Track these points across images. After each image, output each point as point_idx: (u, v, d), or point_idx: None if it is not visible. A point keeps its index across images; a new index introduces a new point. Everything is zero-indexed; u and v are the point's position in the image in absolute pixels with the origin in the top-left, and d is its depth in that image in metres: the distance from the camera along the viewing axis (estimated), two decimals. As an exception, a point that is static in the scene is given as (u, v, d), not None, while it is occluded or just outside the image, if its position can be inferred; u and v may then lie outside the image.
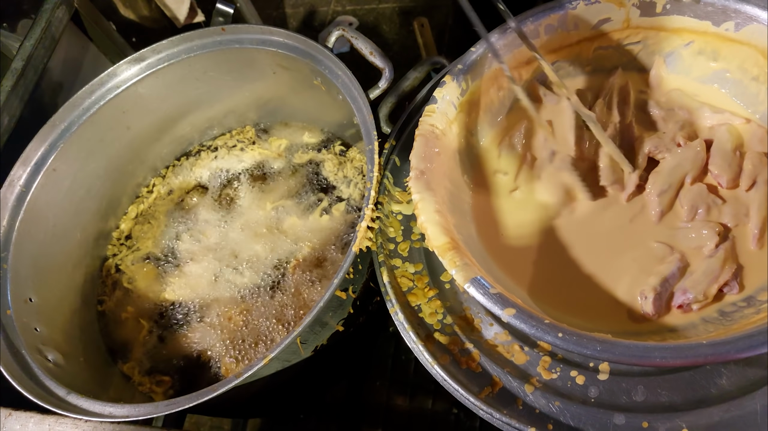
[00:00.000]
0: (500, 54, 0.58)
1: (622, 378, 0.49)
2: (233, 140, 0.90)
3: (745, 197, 0.55)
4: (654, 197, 0.56)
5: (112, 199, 0.86)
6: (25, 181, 0.73)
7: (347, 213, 0.78)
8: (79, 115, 0.77)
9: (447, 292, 0.58)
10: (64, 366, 0.66)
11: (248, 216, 0.82)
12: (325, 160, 0.83)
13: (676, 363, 0.41)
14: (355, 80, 0.67)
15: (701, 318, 0.50)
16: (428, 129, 0.57)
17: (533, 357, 0.52)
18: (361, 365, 0.76)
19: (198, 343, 0.73)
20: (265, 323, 0.72)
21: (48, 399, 0.57)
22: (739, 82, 0.59)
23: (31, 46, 0.80)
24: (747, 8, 0.55)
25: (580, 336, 0.43)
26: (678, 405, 0.47)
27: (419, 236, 0.61)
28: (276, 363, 0.56)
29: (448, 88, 0.60)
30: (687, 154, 0.57)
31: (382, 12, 1.38)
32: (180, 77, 0.81)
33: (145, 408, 0.55)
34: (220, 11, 1.08)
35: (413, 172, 0.55)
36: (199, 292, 0.77)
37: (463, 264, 0.48)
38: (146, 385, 0.73)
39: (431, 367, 0.52)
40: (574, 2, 0.60)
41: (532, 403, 0.50)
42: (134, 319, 0.77)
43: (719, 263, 0.51)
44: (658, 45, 0.62)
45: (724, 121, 0.59)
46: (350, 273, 0.57)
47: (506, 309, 0.45)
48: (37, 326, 0.68)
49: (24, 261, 0.70)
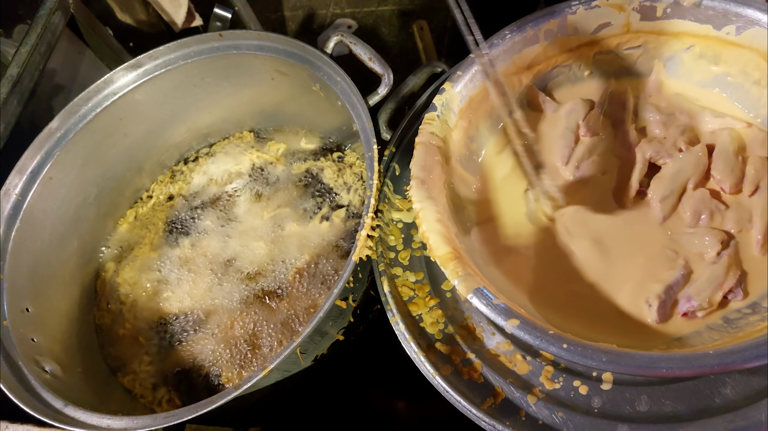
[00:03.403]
0: (492, 72, 0.57)
1: (625, 387, 0.49)
2: (231, 146, 0.90)
3: (748, 202, 0.55)
4: (656, 203, 0.56)
5: (110, 206, 0.85)
6: (21, 189, 0.72)
7: (347, 219, 0.77)
8: (75, 122, 0.76)
9: (448, 301, 0.57)
10: (62, 378, 0.65)
11: (248, 223, 0.81)
12: (325, 166, 0.83)
13: (682, 373, 0.40)
14: (354, 86, 0.66)
15: (706, 325, 0.50)
16: (428, 137, 0.57)
17: (536, 367, 0.52)
18: (361, 373, 0.76)
19: (198, 353, 0.72)
20: (266, 332, 0.71)
21: (45, 411, 0.57)
22: (740, 85, 0.59)
23: (26, 52, 0.79)
24: (748, 11, 0.55)
25: (585, 347, 0.42)
26: (682, 416, 0.47)
27: (420, 244, 0.60)
28: (276, 373, 0.55)
29: (447, 95, 0.59)
30: (689, 159, 0.57)
31: (381, 14, 1.38)
32: (177, 83, 0.80)
33: (144, 421, 0.55)
34: (218, 15, 1.07)
35: (414, 181, 0.54)
36: (198, 301, 0.76)
37: (466, 275, 0.47)
38: (147, 397, 0.72)
39: (432, 378, 0.52)
40: (574, 7, 0.59)
41: (535, 414, 0.49)
42: (133, 332, 0.77)
43: (723, 270, 0.51)
44: (659, 49, 0.62)
45: (725, 125, 0.58)
46: (350, 282, 0.57)
47: (510, 320, 0.44)
48: (34, 336, 0.67)
49: (20, 271, 0.70)
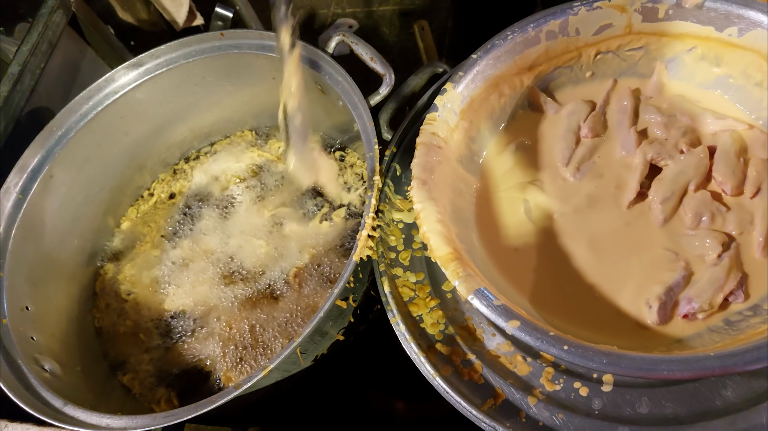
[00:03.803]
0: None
1: (626, 389, 0.49)
2: (233, 144, 0.89)
3: (749, 204, 0.55)
4: (657, 204, 0.56)
5: (110, 204, 0.85)
6: (21, 187, 0.72)
7: (348, 219, 0.77)
8: (76, 120, 0.76)
9: (449, 302, 0.57)
10: (62, 376, 0.65)
11: (248, 222, 0.81)
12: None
13: (683, 375, 0.40)
14: (355, 86, 0.66)
15: (707, 327, 0.50)
16: (430, 137, 0.57)
17: (536, 368, 0.52)
18: (361, 373, 0.76)
19: (198, 352, 0.72)
20: (266, 331, 0.71)
21: (44, 410, 0.57)
22: (742, 87, 0.59)
23: (27, 50, 0.79)
24: (750, 13, 0.54)
25: (586, 348, 0.42)
26: (682, 418, 0.47)
27: (420, 245, 0.60)
28: (275, 373, 0.55)
29: (448, 96, 0.59)
30: (690, 161, 0.57)
31: (382, 14, 1.37)
32: (178, 82, 0.80)
33: (143, 420, 0.55)
34: (219, 15, 1.07)
35: (415, 182, 0.54)
36: (198, 301, 0.76)
37: (466, 275, 0.47)
38: (147, 396, 0.72)
39: (433, 379, 0.52)
40: (576, 8, 0.59)
41: (536, 416, 0.49)
42: (133, 331, 0.77)
43: (724, 272, 0.51)
44: (660, 51, 0.62)
45: (727, 127, 0.58)
46: (350, 283, 0.56)
47: (511, 321, 0.44)
48: (34, 335, 0.67)
49: (20, 269, 0.69)
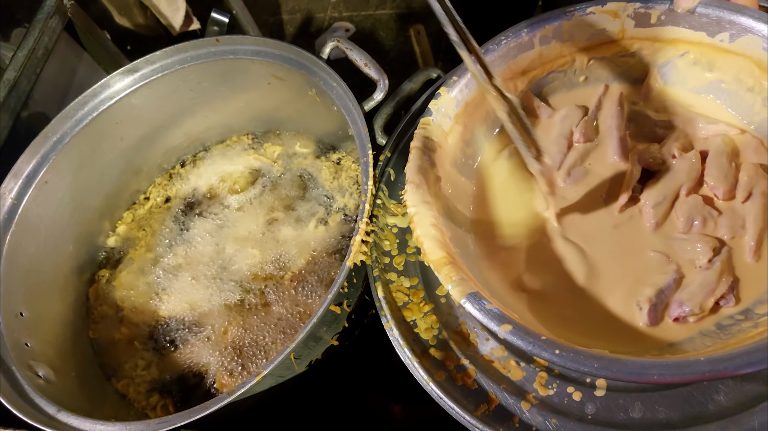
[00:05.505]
0: (488, 74, 0.54)
1: (619, 394, 0.49)
2: (228, 149, 0.90)
3: (741, 209, 0.55)
4: (649, 209, 0.56)
5: (106, 209, 0.85)
6: (16, 193, 0.72)
7: (343, 223, 0.77)
8: (71, 126, 0.76)
9: (442, 307, 0.57)
10: (56, 383, 0.65)
11: (243, 226, 0.81)
12: (320, 170, 0.83)
13: (674, 380, 0.40)
14: (349, 91, 0.66)
15: (699, 331, 0.50)
16: (424, 142, 0.57)
17: (530, 373, 0.52)
18: (356, 378, 0.76)
19: (193, 358, 0.72)
20: (260, 337, 0.71)
21: (37, 417, 0.57)
22: (734, 92, 0.59)
23: (24, 56, 0.80)
24: (742, 19, 0.55)
25: (578, 353, 0.42)
26: (675, 423, 0.47)
27: (415, 249, 0.60)
28: (269, 379, 0.55)
29: (443, 100, 0.59)
30: (682, 166, 0.57)
31: (379, 18, 1.38)
32: (174, 88, 0.80)
33: (137, 426, 0.54)
34: (215, 20, 1.08)
35: (409, 186, 0.54)
36: (193, 306, 0.76)
37: (459, 280, 0.47)
38: (141, 402, 0.72)
39: (426, 384, 0.52)
40: (569, 13, 0.60)
41: (529, 421, 0.49)
42: (128, 337, 0.76)
43: (715, 276, 0.51)
44: (653, 55, 0.62)
45: (719, 131, 0.58)
46: (345, 288, 0.57)
47: (503, 325, 0.44)
48: (28, 341, 0.67)
49: (15, 275, 0.69)
